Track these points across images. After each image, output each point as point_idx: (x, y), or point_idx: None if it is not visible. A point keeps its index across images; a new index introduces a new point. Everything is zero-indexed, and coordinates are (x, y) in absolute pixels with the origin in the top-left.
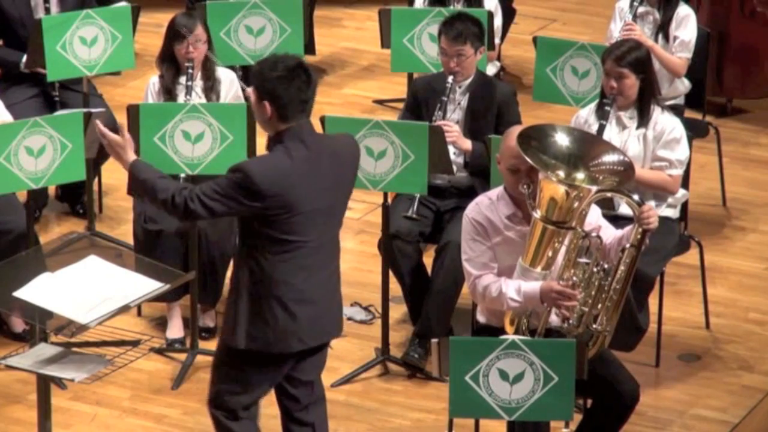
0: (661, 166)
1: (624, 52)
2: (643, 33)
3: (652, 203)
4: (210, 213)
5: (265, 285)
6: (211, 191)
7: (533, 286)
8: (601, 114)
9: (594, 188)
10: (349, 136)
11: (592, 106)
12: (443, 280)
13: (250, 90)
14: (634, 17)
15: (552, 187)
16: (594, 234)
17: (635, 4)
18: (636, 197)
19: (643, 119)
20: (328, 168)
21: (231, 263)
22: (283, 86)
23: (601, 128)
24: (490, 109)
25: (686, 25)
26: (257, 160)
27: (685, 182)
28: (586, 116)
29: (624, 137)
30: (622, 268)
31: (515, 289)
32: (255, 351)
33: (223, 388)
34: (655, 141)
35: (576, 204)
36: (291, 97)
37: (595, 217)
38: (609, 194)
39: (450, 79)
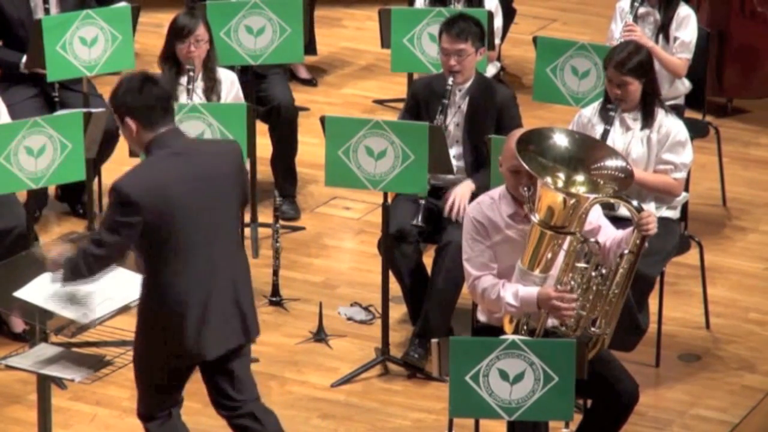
0: (666, 169)
1: (624, 59)
2: (644, 34)
3: (652, 205)
4: (106, 248)
5: (150, 295)
6: (98, 229)
7: (530, 291)
8: (606, 118)
9: (591, 197)
10: (230, 141)
11: (596, 105)
12: (443, 281)
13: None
14: (635, 18)
15: (550, 194)
16: (592, 239)
17: (636, 4)
18: (635, 203)
19: (647, 121)
20: (198, 169)
21: None
22: (135, 97)
23: (606, 133)
24: (489, 112)
25: (686, 26)
26: (125, 175)
27: (686, 182)
28: (589, 116)
29: (627, 139)
30: (620, 273)
31: (512, 293)
32: (148, 361)
33: (139, 391)
34: (660, 144)
35: (573, 211)
36: (148, 103)
37: (595, 216)
38: (607, 199)
39: (450, 80)
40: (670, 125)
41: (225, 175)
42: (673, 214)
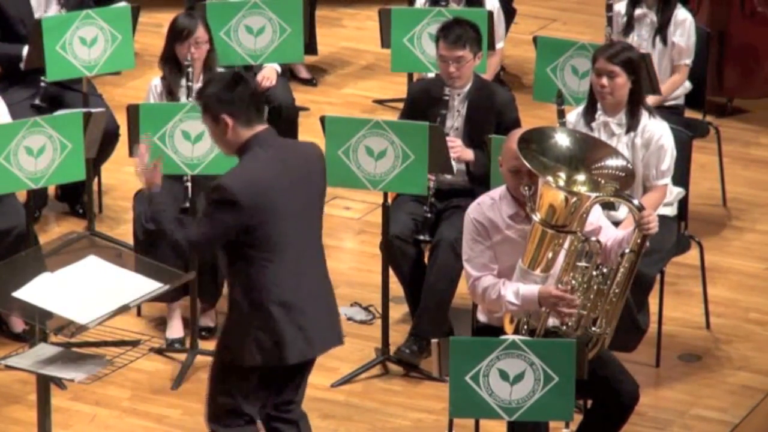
0: (648, 176)
1: (617, 51)
2: (641, 35)
3: None
4: (207, 241)
5: (258, 297)
6: (200, 220)
7: (531, 289)
8: (589, 121)
9: (593, 195)
10: (312, 143)
11: (580, 110)
12: (437, 278)
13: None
14: (630, 19)
15: (551, 193)
16: (593, 238)
17: (624, 11)
18: (636, 201)
19: (632, 123)
20: (295, 169)
21: None
22: (231, 93)
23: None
24: (489, 115)
25: (684, 31)
26: (229, 173)
27: (685, 182)
28: (574, 122)
29: (612, 144)
30: (621, 272)
31: (513, 292)
32: (258, 366)
33: (223, 402)
34: (644, 147)
35: (574, 210)
36: (244, 100)
37: (596, 217)
38: (609, 198)
39: (447, 90)
40: (653, 129)
41: (314, 179)
42: (670, 211)
